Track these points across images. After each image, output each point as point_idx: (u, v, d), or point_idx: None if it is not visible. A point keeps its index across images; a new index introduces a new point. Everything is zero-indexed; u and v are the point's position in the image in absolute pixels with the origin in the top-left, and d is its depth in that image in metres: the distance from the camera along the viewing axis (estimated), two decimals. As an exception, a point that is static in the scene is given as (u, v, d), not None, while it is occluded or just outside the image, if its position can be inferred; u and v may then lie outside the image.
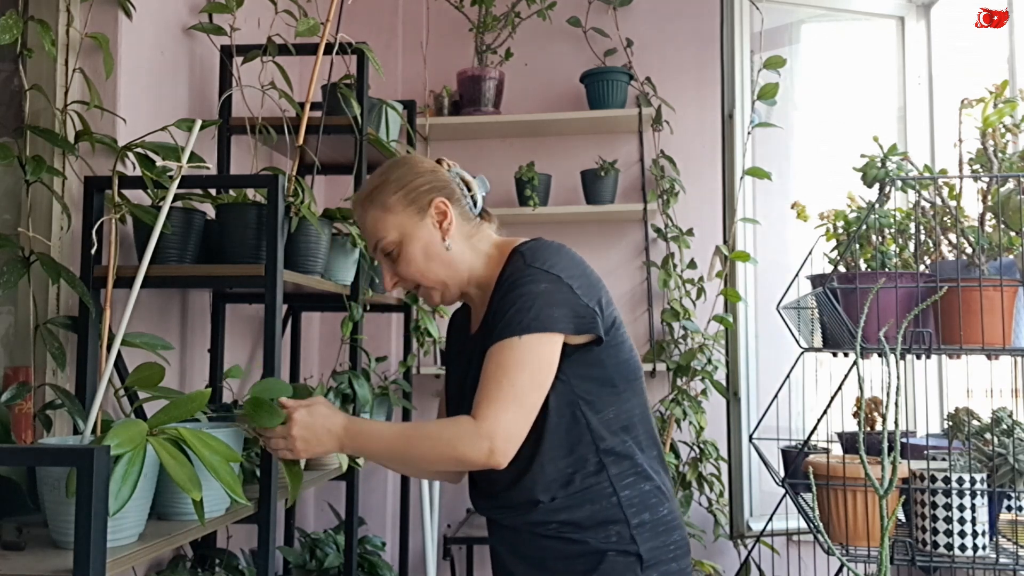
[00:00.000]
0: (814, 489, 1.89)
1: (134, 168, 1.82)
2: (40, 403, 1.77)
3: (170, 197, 1.54)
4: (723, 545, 3.05)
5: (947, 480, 1.77)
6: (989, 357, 1.89)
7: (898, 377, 1.60)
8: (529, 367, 1.36)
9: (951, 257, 1.96)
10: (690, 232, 3.23)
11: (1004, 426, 1.87)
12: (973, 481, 1.77)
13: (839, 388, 1.95)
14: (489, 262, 1.51)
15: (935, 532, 1.79)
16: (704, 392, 3.07)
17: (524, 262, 1.43)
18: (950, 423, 1.98)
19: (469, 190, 1.55)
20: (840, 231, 2.10)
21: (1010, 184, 1.89)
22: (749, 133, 2.89)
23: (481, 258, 1.52)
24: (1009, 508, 2.00)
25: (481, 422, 1.34)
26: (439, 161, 1.58)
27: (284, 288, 1.80)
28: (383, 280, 1.53)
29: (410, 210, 1.48)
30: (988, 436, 1.87)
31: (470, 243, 1.52)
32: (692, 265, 3.22)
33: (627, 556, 1.41)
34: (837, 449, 2.29)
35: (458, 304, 1.64)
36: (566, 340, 1.41)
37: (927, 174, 2.11)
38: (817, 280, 2.04)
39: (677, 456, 3.01)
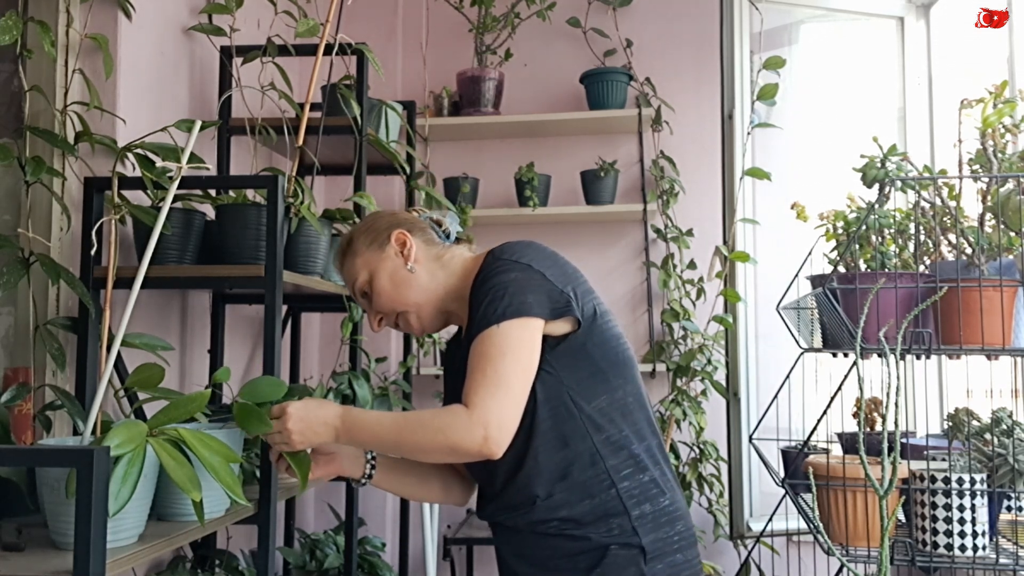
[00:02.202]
0: (814, 489, 1.89)
1: (134, 169, 1.82)
2: (40, 404, 1.77)
3: (170, 198, 1.54)
4: (723, 545, 3.06)
5: (947, 480, 1.77)
6: (989, 357, 1.89)
7: (898, 377, 1.60)
8: (511, 353, 1.38)
9: (951, 257, 1.96)
10: (690, 232, 3.23)
11: (1004, 426, 1.87)
12: (973, 481, 1.77)
13: (839, 388, 1.95)
14: (465, 273, 1.55)
15: (935, 532, 1.79)
16: (704, 392, 3.07)
17: (494, 258, 1.47)
18: (950, 423, 1.98)
19: (440, 226, 1.62)
20: (840, 231, 2.10)
21: (1010, 184, 1.89)
22: (749, 133, 2.89)
23: (456, 273, 1.56)
24: (1009, 508, 2.00)
25: (472, 410, 1.35)
26: (409, 211, 1.67)
27: (284, 288, 1.80)
28: (369, 322, 1.61)
29: (373, 247, 1.57)
30: (988, 436, 1.87)
31: (440, 263, 1.57)
32: (692, 265, 3.22)
33: (630, 549, 1.41)
34: (837, 449, 2.29)
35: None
36: (548, 331, 1.42)
37: (927, 174, 2.11)
38: (817, 280, 2.04)
39: (677, 456, 3.01)
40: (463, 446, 1.35)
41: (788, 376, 2.14)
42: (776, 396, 2.23)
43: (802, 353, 2.11)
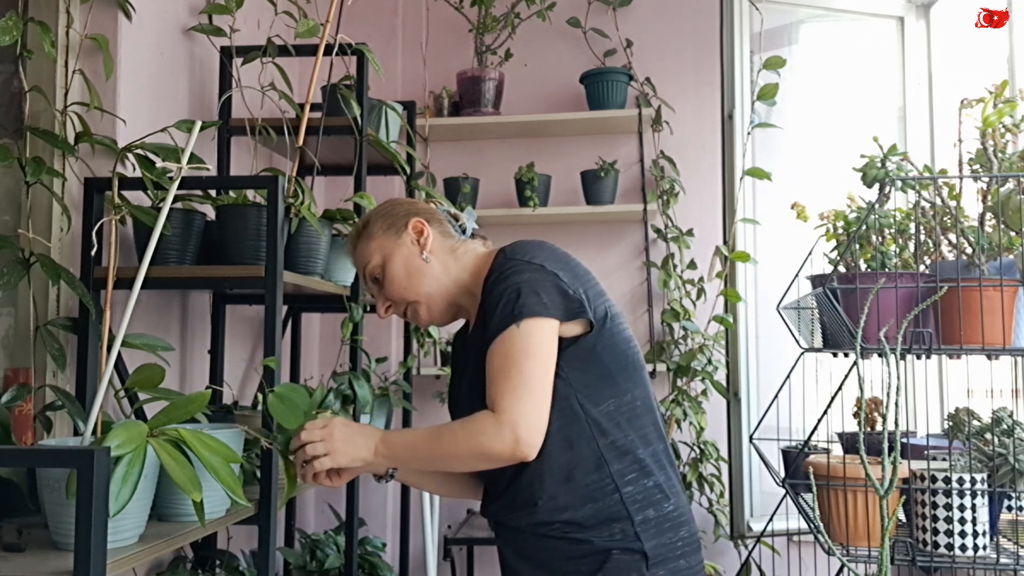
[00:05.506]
0: (814, 489, 1.89)
1: (134, 169, 1.82)
2: (40, 404, 1.77)
3: (170, 198, 1.54)
4: (723, 545, 3.06)
5: (947, 480, 1.77)
6: (989, 357, 1.89)
7: (898, 377, 1.60)
8: (533, 353, 1.38)
9: (951, 257, 1.96)
10: (690, 232, 3.23)
11: (1004, 426, 1.87)
12: (973, 481, 1.77)
13: (839, 388, 1.95)
14: (477, 269, 1.55)
15: (935, 532, 1.79)
16: (704, 392, 3.07)
17: (506, 257, 1.47)
18: (950, 423, 1.98)
19: (457, 220, 1.63)
20: (840, 231, 2.10)
21: (1010, 184, 1.89)
22: (749, 133, 2.89)
23: (468, 267, 1.56)
24: (1009, 508, 2.00)
25: (500, 414, 1.36)
26: (427, 202, 1.67)
27: (284, 289, 1.80)
28: (377, 309, 1.61)
29: (389, 232, 1.56)
30: (988, 436, 1.87)
31: (454, 255, 1.57)
32: (692, 265, 3.22)
33: (632, 554, 1.41)
34: (837, 449, 2.29)
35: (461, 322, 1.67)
36: (560, 333, 1.42)
37: (927, 174, 2.11)
38: (817, 280, 2.04)
39: (677, 456, 3.01)
40: (495, 451, 1.36)
41: (788, 376, 2.14)
42: (776, 396, 2.23)
43: (802, 353, 2.11)
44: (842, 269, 2.01)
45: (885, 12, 3.16)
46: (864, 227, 2.00)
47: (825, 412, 1.97)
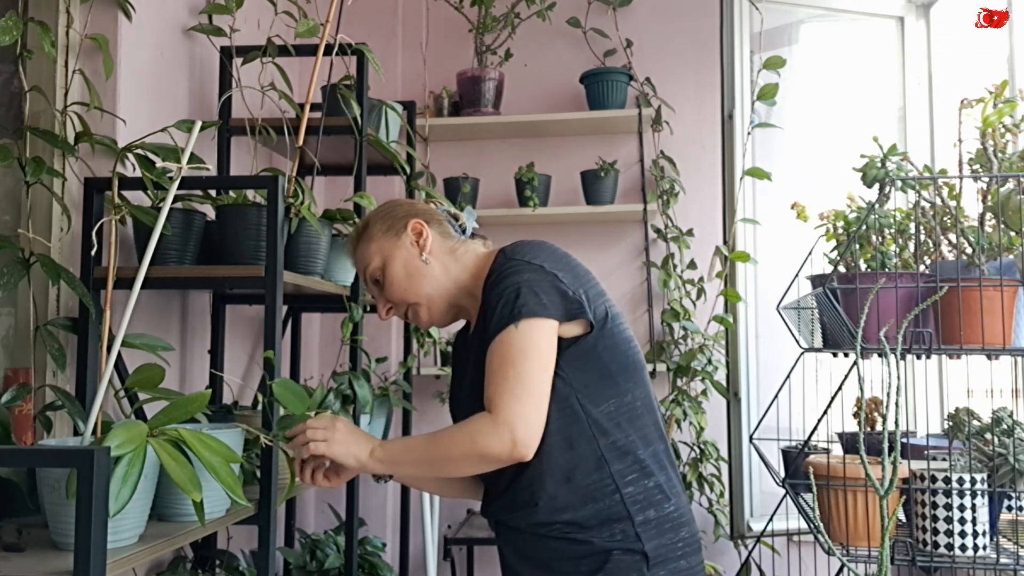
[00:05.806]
0: (814, 489, 1.89)
1: (134, 169, 1.82)
2: (40, 404, 1.77)
3: (170, 198, 1.54)
4: (723, 545, 3.06)
5: (947, 480, 1.77)
6: (989, 357, 1.89)
7: (898, 377, 1.60)
8: (531, 354, 1.38)
9: (951, 257, 1.97)
10: (690, 232, 3.23)
11: (1004, 426, 1.87)
12: (973, 481, 1.77)
13: (839, 388, 1.95)
14: (477, 270, 1.55)
15: (935, 532, 1.79)
16: (704, 392, 3.08)
17: (506, 257, 1.48)
18: (950, 423, 1.98)
19: (457, 220, 1.63)
20: (840, 231, 2.10)
21: (1010, 184, 1.89)
22: (749, 133, 2.89)
23: (468, 268, 1.56)
24: (1009, 508, 2.00)
25: (497, 415, 1.36)
26: (427, 202, 1.67)
27: (284, 289, 1.80)
28: (378, 310, 1.61)
29: (389, 234, 1.56)
30: (988, 436, 1.87)
31: (454, 256, 1.57)
32: (692, 265, 3.22)
33: (632, 554, 1.41)
34: (837, 449, 2.29)
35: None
36: (560, 334, 1.43)
37: (927, 174, 2.11)
38: (817, 280, 2.04)
39: (677, 456, 3.01)
40: (493, 451, 1.36)
41: (788, 376, 2.14)
42: (776, 396, 2.23)
43: (802, 353, 2.11)
44: (842, 269, 2.01)
45: (885, 12, 3.16)
46: (864, 227, 2.00)
47: (825, 412, 1.97)
